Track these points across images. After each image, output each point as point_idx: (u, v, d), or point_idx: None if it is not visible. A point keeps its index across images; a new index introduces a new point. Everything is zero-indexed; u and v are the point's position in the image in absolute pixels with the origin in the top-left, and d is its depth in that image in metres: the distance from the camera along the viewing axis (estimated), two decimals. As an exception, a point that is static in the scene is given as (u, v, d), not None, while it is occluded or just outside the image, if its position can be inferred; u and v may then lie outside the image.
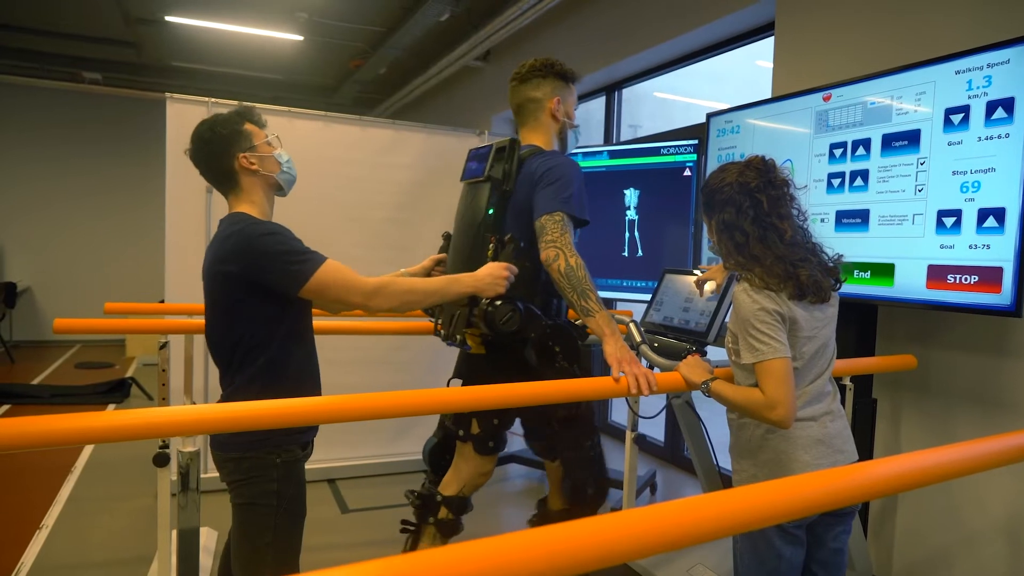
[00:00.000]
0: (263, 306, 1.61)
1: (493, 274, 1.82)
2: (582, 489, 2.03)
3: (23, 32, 6.74)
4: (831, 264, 1.69)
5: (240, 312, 1.62)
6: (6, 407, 5.42)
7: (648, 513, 0.88)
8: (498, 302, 1.84)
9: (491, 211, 1.99)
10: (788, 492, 1.02)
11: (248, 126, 1.72)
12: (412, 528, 2.23)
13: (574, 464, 2.02)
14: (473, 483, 2.19)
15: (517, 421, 2.21)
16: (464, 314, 1.91)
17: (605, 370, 1.74)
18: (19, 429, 1.12)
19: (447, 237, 2.26)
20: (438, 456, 2.31)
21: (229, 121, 1.71)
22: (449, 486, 2.19)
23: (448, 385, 2.24)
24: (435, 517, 2.16)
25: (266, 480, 1.62)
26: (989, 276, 2.01)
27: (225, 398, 1.66)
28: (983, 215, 2.03)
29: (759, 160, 1.69)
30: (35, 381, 6.45)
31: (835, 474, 1.13)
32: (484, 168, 2.06)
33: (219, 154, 1.68)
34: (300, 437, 1.69)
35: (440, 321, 2.09)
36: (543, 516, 2.26)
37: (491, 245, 1.95)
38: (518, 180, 2.00)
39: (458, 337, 1.98)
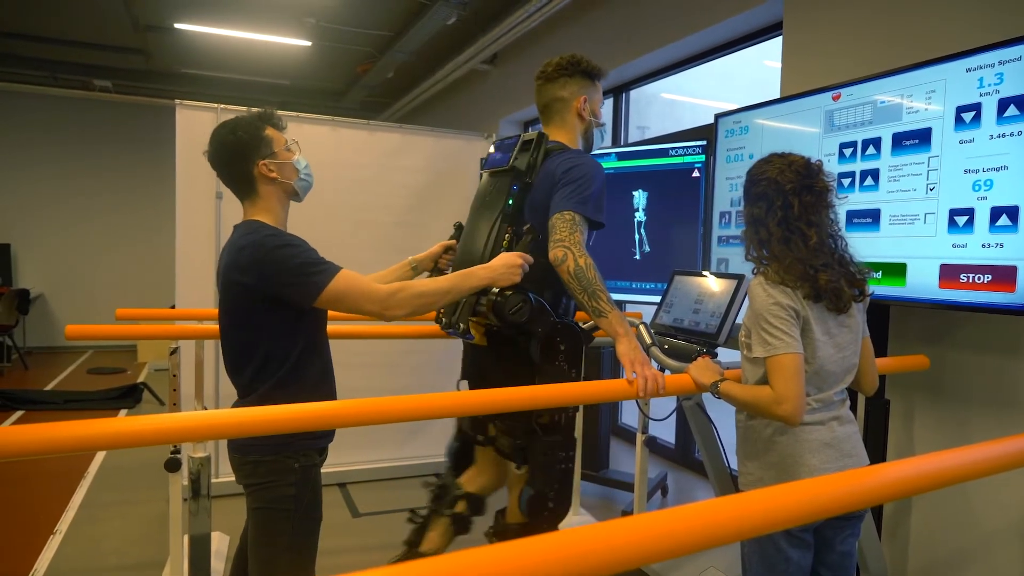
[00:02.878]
0: (279, 317, 1.61)
1: (508, 263, 1.80)
2: (542, 501, 1.92)
3: (34, 41, 6.80)
4: (857, 276, 1.66)
5: (257, 323, 1.62)
6: (20, 413, 5.46)
7: (660, 517, 0.87)
8: (508, 291, 1.81)
9: (511, 202, 1.96)
10: (802, 495, 1.01)
11: (269, 131, 1.70)
12: (420, 520, 2.19)
13: (541, 472, 1.92)
14: (495, 485, 2.19)
15: None
16: (471, 302, 1.88)
17: (615, 372, 1.73)
18: (33, 435, 1.12)
19: (459, 227, 2.24)
20: (460, 458, 2.28)
21: (251, 126, 1.67)
22: (472, 482, 2.18)
23: (457, 386, 2.23)
24: (451, 510, 2.13)
25: (284, 484, 1.63)
26: (1003, 275, 1.99)
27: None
28: (996, 213, 2.01)
29: (803, 162, 1.64)
30: (48, 387, 6.50)
31: (848, 477, 1.12)
32: (509, 158, 2.03)
33: (239, 159, 1.66)
34: (318, 442, 1.70)
35: (443, 308, 2.03)
36: (501, 530, 2.12)
37: (507, 236, 1.93)
38: (540, 174, 1.97)
39: (461, 326, 1.93)
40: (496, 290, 1.81)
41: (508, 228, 1.94)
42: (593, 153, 3.52)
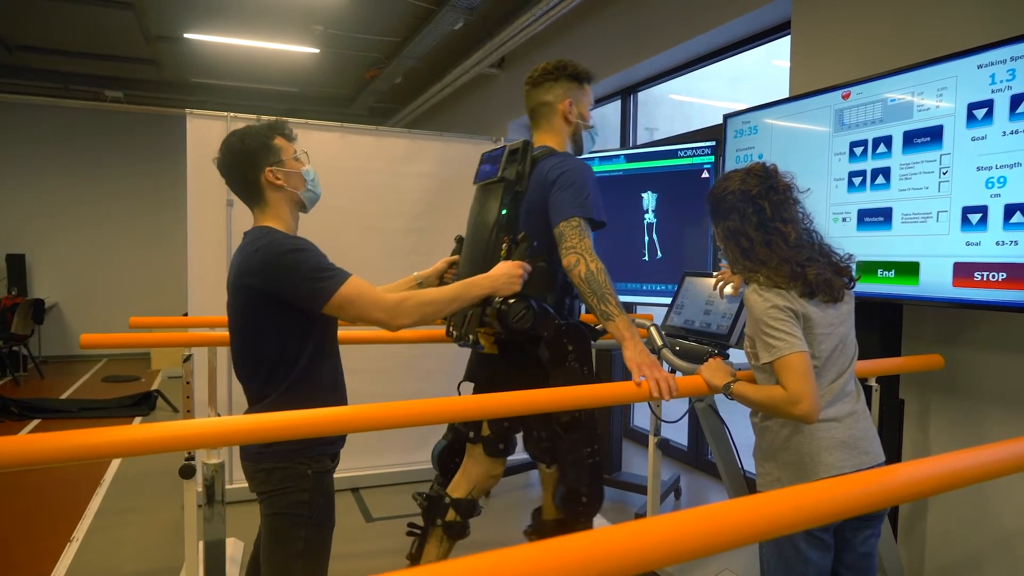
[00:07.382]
0: (289, 321, 1.62)
1: (508, 273, 1.83)
2: (576, 497, 1.97)
3: (46, 53, 6.89)
4: (843, 264, 1.69)
5: (266, 327, 1.63)
6: (36, 422, 5.52)
7: (674, 520, 0.87)
8: (511, 300, 1.84)
9: (504, 212, 2.01)
10: (816, 496, 1.00)
11: (278, 140, 1.72)
12: (418, 531, 2.24)
13: (571, 470, 1.97)
14: (482, 486, 2.20)
15: None
16: (477, 313, 1.92)
17: (626, 375, 1.73)
18: (49, 444, 1.14)
19: (460, 240, 2.27)
20: (447, 459, 2.31)
21: (259, 134, 1.71)
22: (458, 488, 2.20)
23: (459, 389, 2.22)
24: (443, 519, 2.16)
25: (297, 490, 1.63)
26: (1017, 273, 1.97)
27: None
28: (1010, 211, 1.99)
29: (759, 167, 1.71)
30: (64, 396, 6.55)
31: (864, 478, 1.11)
32: (497, 170, 2.08)
33: (247, 166, 1.68)
34: (330, 448, 1.71)
35: (453, 321, 2.08)
36: (538, 528, 2.19)
37: (504, 245, 1.96)
38: (531, 181, 2.01)
39: (471, 337, 1.97)
40: (499, 299, 1.85)
41: (505, 237, 1.98)
42: (602, 155, 3.53)
